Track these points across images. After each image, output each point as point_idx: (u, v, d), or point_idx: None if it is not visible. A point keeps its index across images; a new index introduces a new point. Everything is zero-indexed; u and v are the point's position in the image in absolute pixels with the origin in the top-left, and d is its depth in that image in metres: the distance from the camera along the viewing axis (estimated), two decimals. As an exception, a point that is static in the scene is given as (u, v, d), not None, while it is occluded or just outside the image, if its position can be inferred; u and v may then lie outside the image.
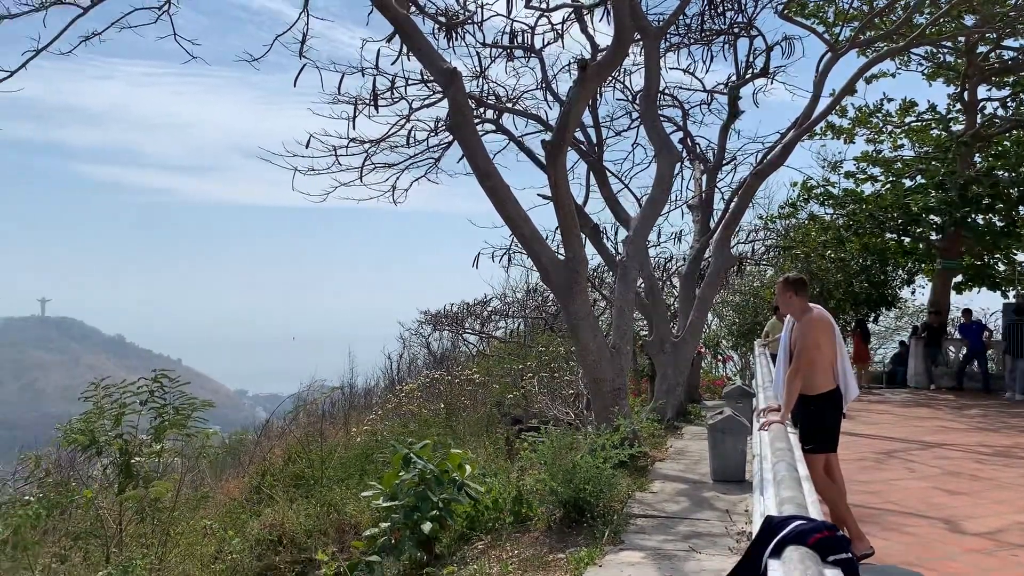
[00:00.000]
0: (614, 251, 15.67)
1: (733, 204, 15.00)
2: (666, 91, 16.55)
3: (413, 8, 12.06)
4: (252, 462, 14.62)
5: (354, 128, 13.73)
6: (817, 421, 6.51)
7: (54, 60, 9.99)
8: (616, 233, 17.61)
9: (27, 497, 8.11)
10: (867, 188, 23.83)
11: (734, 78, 16.21)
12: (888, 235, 22.80)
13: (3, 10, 9.36)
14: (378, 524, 7.60)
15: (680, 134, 16.93)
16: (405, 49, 11.79)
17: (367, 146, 14.48)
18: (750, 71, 16.04)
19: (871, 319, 23.30)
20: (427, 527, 7.10)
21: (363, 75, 13.57)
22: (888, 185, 23.43)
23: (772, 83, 16.49)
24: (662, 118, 14.66)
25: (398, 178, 15.22)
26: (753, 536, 3.32)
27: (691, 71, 16.90)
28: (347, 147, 14.16)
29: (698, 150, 17.24)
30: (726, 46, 16.08)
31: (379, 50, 12.69)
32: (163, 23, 10.51)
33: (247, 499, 11.74)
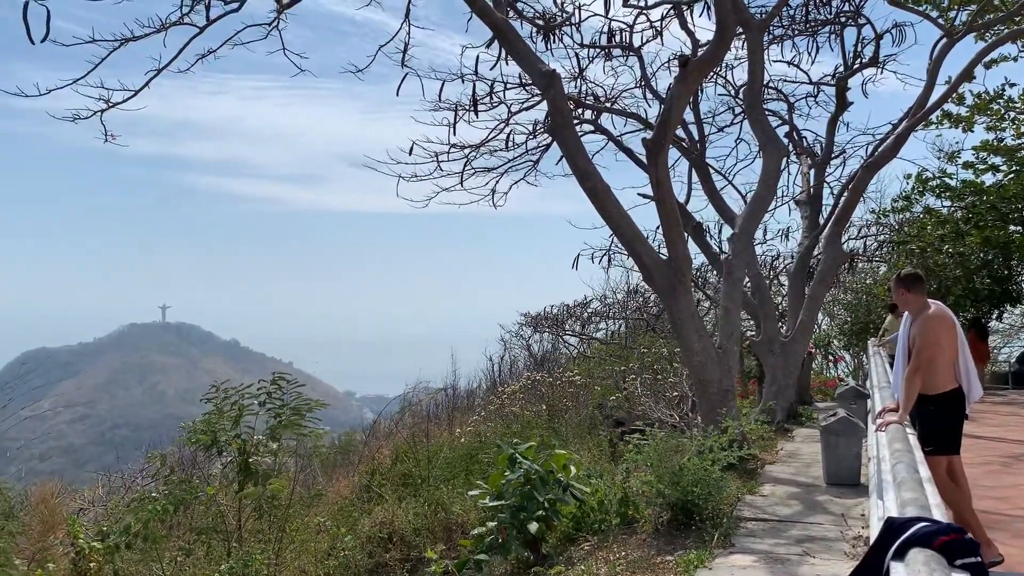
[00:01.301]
0: (718, 250, 15.38)
1: (843, 199, 14.52)
2: (770, 84, 16.16)
3: (511, 13, 12.16)
4: (361, 461, 15.01)
5: (454, 134, 13.94)
6: (937, 422, 6.22)
7: (172, 78, 10.59)
8: (720, 231, 17.30)
9: (154, 494, 8.56)
10: (988, 179, 22.57)
11: (842, 69, 15.68)
12: (1012, 228, 21.57)
13: (128, 33, 9.89)
14: (485, 523, 7.68)
15: (786, 128, 16.51)
16: (504, 54, 11.90)
17: (467, 151, 14.66)
18: (858, 61, 15.48)
19: (994, 316, 22.08)
20: (533, 527, 7.13)
21: (463, 81, 13.76)
22: (1012, 175, 22.14)
23: (882, 72, 15.84)
24: (767, 112, 14.31)
25: (497, 181, 15.36)
26: (872, 540, 3.20)
27: (796, 63, 16.42)
28: (448, 153, 14.37)
29: (805, 144, 16.75)
30: (832, 36, 15.55)
31: (478, 56, 12.79)
32: (273, 39, 10.92)
33: (357, 497, 12.04)
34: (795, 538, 6.81)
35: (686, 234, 12.49)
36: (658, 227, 10.84)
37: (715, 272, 16.90)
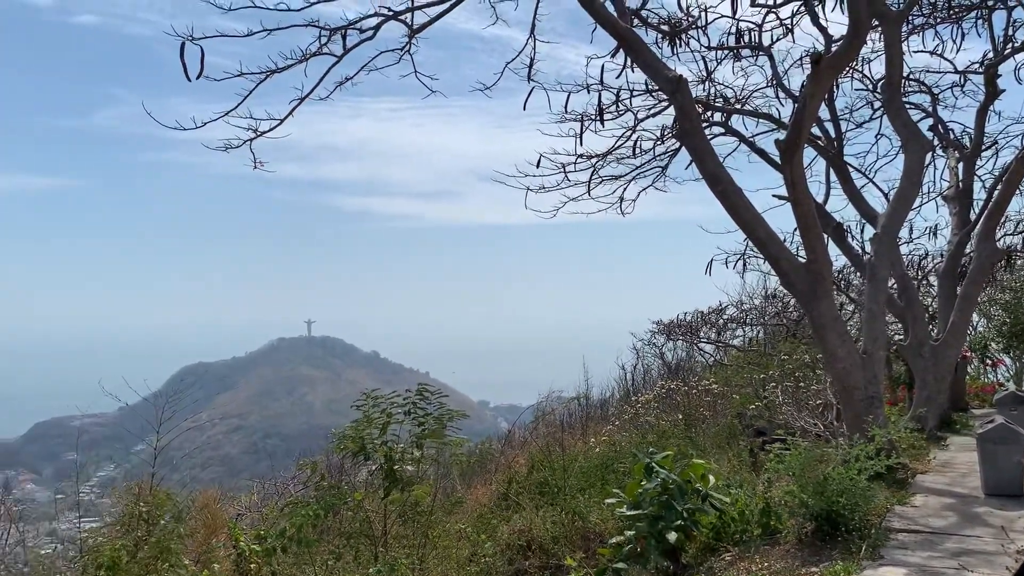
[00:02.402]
0: (860, 250, 14.79)
1: (996, 192, 13.65)
2: (911, 76, 15.43)
3: (636, 21, 12.16)
4: (498, 470, 15.27)
5: (581, 144, 14.05)
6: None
7: (314, 105, 11.23)
8: (862, 231, 16.58)
9: (306, 499, 9.03)
10: None
11: (991, 55, 14.77)
12: None
13: (273, 65, 10.53)
14: (623, 532, 7.68)
15: (930, 121, 15.69)
16: (629, 62, 11.91)
17: (594, 160, 14.73)
18: (1010, 45, 14.55)
19: None
20: (672, 536, 7.08)
21: (588, 91, 13.84)
22: None
23: (1037, 56, 14.84)
24: (908, 105, 13.68)
25: (625, 189, 15.35)
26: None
27: (939, 52, 15.60)
28: (575, 163, 14.49)
29: (952, 136, 15.87)
30: (979, 21, 14.69)
31: (603, 65, 12.85)
32: (405, 63, 11.37)
33: (496, 505, 12.27)
34: (950, 551, 6.48)
35: (825, 235, 12.09)
36: (795, 229, 10.57)
37: (859, 274, 16.24)
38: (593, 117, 13.77)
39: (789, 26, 14.29)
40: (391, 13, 10.92)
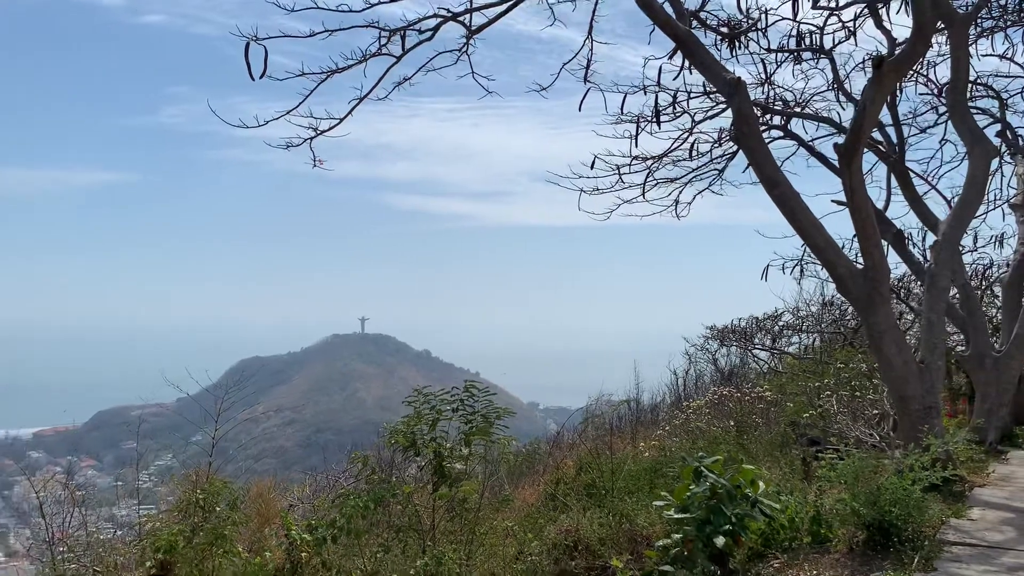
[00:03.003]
0: (921, 259, 14.46)
1: (1066, 201, 13.25)
2: (978, 81, 15.04)
3: (695, 23, 12.09)
4: (546, 471, 15.30)
5: (636, 146, 14.00)
6: None
7: (372, 104, 11.43)
8: (923, 239, 16.21)
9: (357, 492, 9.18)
10: None
11: (1064, 59, 14.34)
12: None
13: (333, 65, 10.74)
14: (670, 535, 7.65)
15: (997, 126, 15.29)
16: (687, 64, 11.85)
17: (649, 162, 14.66)
18: (1084, 49, 14.11)
19: None
20: (720, 541, 7.03)
21: (644, 93, 13.79)
22: None
23: (1114, 59, 14.36)
24: (974, 110, 13.36)
25: (680, 192, 15.26)
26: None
27: (1009, 56, 15.19)
28: (630, 165, 14.45)
29: (1020, 143, 15.43)
30: (1052, 24, 14.28)
31: (661, 67, 12.79)
32: (462, 63, 11.48)
33: (543, 505, 12.30)
34: (1007, 566, 6.33)
35: (885, 242, 11.89)
36: (855, 236, 10.41)
37: (919, 282, 15.89)
38: (649, 119, 13.71)
39: (852, 29, 14.05)
40: (450, 14, 11.04)
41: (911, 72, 14.27)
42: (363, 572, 8.26)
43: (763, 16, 13.63)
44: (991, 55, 15.17)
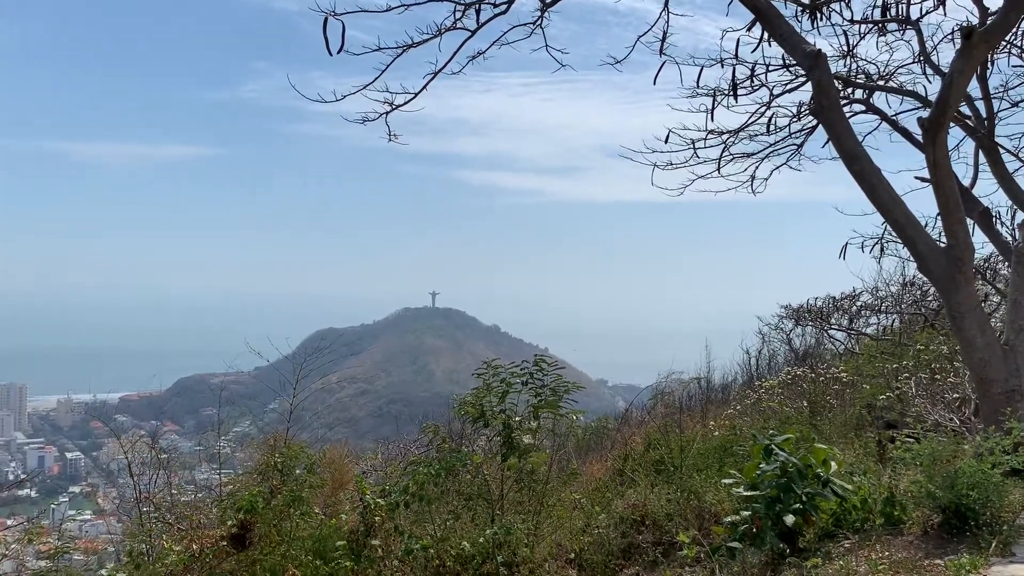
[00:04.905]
0: (1009, 238, 13.90)
1: None
2: (1079, 52, 14.28)
3: (774, -7, 11.78)
4: (614, 446, 15.35)
5: (712, 120, 13.72)
6: None
7: (446, 79, 11.49)
8: (1013, 217, 15.57)
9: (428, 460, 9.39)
10: None
11: None
12: None
13: (408, 39, 10.83)
14: (738, 512, 7.63)
15: (1096, 100, 14.52)
16: (766, 35, 11.58)
17: (725, 137, 14.39)
18: None
19: None
20: (789, 519, 6.99)
21: (722, 66, 13.50)
22: None
23: None
24: (1072, 83, 12.69)
25: (757, 167, 14.94)
26: None
27: (1112, 25, 14.38)
28: (705, 139, 14.19)
29: (1121, 118, 14.67)
30: None
31: (739, 39, 12.50)
32: (536, 36, 11.42)
33: (611, 480, 12.37)
34: (1092, 555, 6.14)
35: (970, 220, 11.47)
36: (938, 214, 10.09)
37: (1006, 263, 15.29)
38: (726, 92, 13.43)
39: (941, -3, 13.49)
40: (525, -14, 11.00)
41: (1003, 43, 13.64)
42: (433, 538, 8.46)
43: (847, -14, 13.21)
44: (1093, 25, 14.40)
